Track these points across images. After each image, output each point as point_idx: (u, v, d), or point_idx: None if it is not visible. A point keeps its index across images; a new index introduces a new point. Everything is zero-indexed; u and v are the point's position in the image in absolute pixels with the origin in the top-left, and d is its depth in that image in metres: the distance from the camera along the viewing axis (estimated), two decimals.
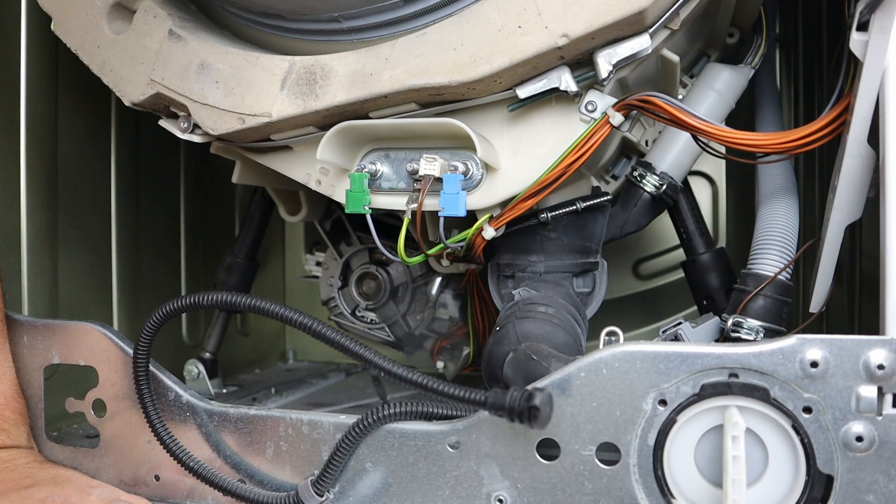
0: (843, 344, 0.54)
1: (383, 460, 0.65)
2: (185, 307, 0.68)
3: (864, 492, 0.54)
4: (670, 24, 0.65)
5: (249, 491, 0.68)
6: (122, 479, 0.75)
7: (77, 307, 0.99)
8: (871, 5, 0.57)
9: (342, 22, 0.69)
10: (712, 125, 0.64)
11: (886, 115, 0.58)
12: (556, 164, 0.66)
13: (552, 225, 0.76)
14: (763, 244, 0.75)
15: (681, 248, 0.90)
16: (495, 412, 0.58)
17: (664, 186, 0.81)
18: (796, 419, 0.55)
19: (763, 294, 0.72)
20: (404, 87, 0.65)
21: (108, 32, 0.76)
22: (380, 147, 0.71)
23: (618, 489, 0.59)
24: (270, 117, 0.69)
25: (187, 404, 0.72)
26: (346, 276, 1.09)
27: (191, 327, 1.19)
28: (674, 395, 0.57)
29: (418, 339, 1.06)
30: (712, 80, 0.84)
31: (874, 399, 0.53)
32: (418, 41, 0.66)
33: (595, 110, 0.67)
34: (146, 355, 0.70)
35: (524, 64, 0.63)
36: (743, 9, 0.85)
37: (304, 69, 0.69)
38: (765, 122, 0.92)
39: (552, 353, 0.64)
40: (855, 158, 0.62)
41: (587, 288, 0.80)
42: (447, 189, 0.66)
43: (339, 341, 0.63)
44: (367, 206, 0.69)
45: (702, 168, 1.27)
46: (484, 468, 0.62)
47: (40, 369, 0.79)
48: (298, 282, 1.38)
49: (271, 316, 0.64)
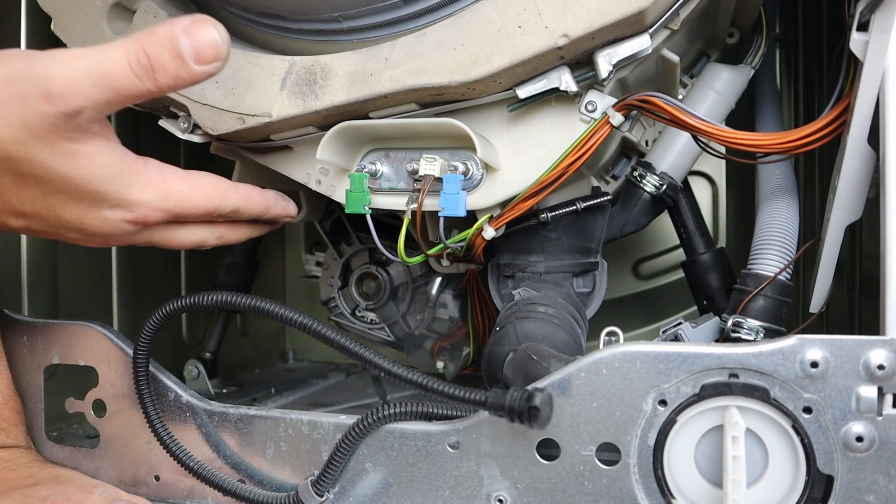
0: (843, 344, 0.54)
1: (383, 460, 0.65)
2: (185, 307, 0.68)
3: (864, 492, 0.54)
4: (670, 25, 0.65)
5: (249, 491, 0.68)
6: (121, 479, 0.75)
7: (77, 307, 0.99)
8: (871, 5, 0.57)
9: (342, 22, 0.69)
10: (712, 125, 0.64)
11: (886, 115, 0.58)
12: (556, 164, 0.66)
13: (552, 225, 0.76)
14: (763, 244, 0.75)
15: (681, 248, 0.90)
16: (495, 412, 0.58)
17: (664, 186, 0.81)
18: (796, 419, 0.55)
19: (763, 294, 0.72)
20: (404, 87, 0.65)
21: (109, 32, 0.76)
22: (380, 147, 0.71)
23: (618, 489, 0.59)
24: (270, 117, 0.69)
25: (187, 404, 0.72)
26: (346, 277, 1.09)
27: (191, 327, 1.19)
28: (674, 395, 0.57)
29: (418, 339, 1.06)
30: (712, 80, 0.84)
31: (874, 399, 0.53)
32: (418, 41, 0.66)
33: (595, 110, 0.67)
34: (146, 355, 0.70)
35: (524, 64, 0.63)
36: (743, 9, 0.85)
37: (304, 69, 0.69)
38: (765, 122, 0.91)
39: (552, 354, 0.64)
40: (855, 158, 0.62)
41: (587, 288, 0.80)
42: (447, 189, 0.66)
43: (339, 341, 0.63)
44: (366, 206, 0.69)
45: (702, 168, 1.27)
46: (484, 468, 0.62)
47: (40, 369, 0.79)
48: (298, 282, 1.38)
49: (271, 316, 0.64)
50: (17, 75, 0.53)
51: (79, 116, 0.54)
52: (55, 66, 0.53)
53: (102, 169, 0.57)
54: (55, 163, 0.55)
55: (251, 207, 0.67)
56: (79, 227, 0.60)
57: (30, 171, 0.55)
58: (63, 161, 0.55)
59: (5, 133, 0.53)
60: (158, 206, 0.60)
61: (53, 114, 0.53)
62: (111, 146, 0.58)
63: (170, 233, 0.64)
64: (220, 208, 0.64)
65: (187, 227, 0.65)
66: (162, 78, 0.54)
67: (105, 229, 0.60)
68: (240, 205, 0.66)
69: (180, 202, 0.61)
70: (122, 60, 0.54)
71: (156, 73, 0.54)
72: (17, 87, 0.53)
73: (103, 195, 0.58)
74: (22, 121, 0.53)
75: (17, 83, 0.53)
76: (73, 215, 0.59)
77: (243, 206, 0.66)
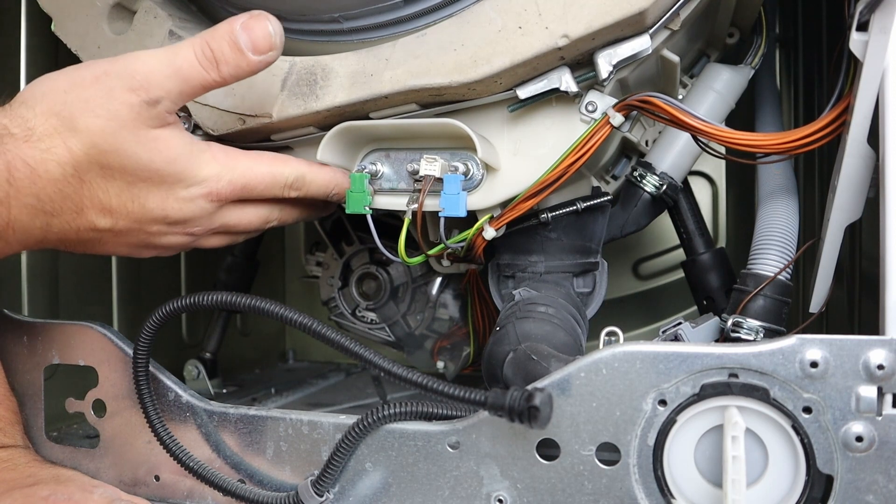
0: (843, 344, 0.54)
1: (383, 460, 0.65)
2: (185, 307, 0.68)
3: (863, 492, 0.54)
4: (670, 25, 0.65)
5: (249, 491, 0.68)
6: (121, 479, 0.75)
7: (77, 307, 0.99)
8: (871, 5, 0.57)
9: (343, 22, 0.69)
10: (712, 125, 0.64)
11: (886, 115, 0.58)
12: (557, 164, 0.66)
13: (552, 225, 0.76)
14: (763, 244, 0.75)
15: (681, 248, 0.90)
16: (495, 412, 0.58)
17: (664, 186, 0.81)
18: (796, 419, 0.55)
19: (763, 294, 0.72)
20: (405, 87, 0.65)
21: (109, 33, 0.76)
22: (380, 147, 0.71)
23: (618, 489, 0.59)
24: (271, 118, 0.70)
25: (187, 404, 0.72)
26: (347, 277, 1.09)
27: (191, 327, 1.19)
28: (674, 395, 0.57)
29: (418, 339, 1.06)
30: (712, 81, 0.84)
31: (874, 399, 0.53)
32: (419, 42, 0.66)
33: (595, 111, 0.67)
34: (146, 355, 0.70)
35: (524, 64, 0.63)
36: (743, 9, 0.85)
37: (304, 70, 0.69)
38: (765, 122, 0.92)
39: (552, 354, 0.64)
40: (855, 158, 0.62)
41: (587, 288, 0.80)
42: (448, 189, 0.66)
43: (339, 341, 0.63)
44: (367, 206, 0.69)
45: (702, 168, 1.27)
46: (484, 468, 0.62)
47: (40, 369, 0.79)
48: (298, 282, 1.38)
49: (271, 316, 0.64)
50: (103, 74, 0.60)
51: (158, 105, 0.61)
52: (136, 64, 0.61)
53: (178, 150, 0.63)
54: (139, 149, 0.61)
55: (316, 176, 0.70)
56: (162, 214, 0.65)
57: (116, 162, 0.61)
58: (146, 147, 0.62)
59: (94, 124, 0.59)
60: (226, 178, 0.65)
61: (137, 103, 0.60)
62: (182, 132, 0.65)
63: (240, 212, 0.69)
64: (283, 174, 0.68)
65: (255, 206, 0.70)
66: (224, 68, 0.62)
67: (186, 211, 0.65)
68: (303, 171, 0.69)
69: (245, 171, 0.66)
70: (190, 55, 0.61)
71: (219, 64, 0.62)
72: (103, 83, 0.60)
73: (180, 174, 0.64)
74: (109, 112, 0.60)
75: (103, 81, 0.60)
76: (155, 202, 0.64)
77: (307, 172, 0.69)
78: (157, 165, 0.62)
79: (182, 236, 0.68)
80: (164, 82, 0.61)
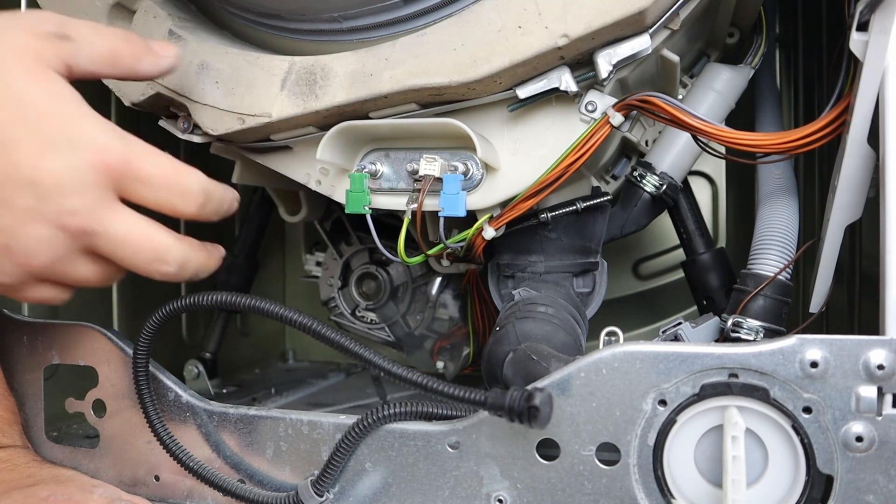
0: (843, 344, 0.54)
1: (383, 460, 0.65)
2: (185, 307, 0.68)
3: (863, 492, 0.54)
4: (670, 25, 0.65)
5: (249, 491, 0.68)
6: (121, 479, 0.75)
7: (77, 307, 0.99)
8: (871, 5, 0.57)
9: (342, 22, 0.69)
10: (712, 125, 0.64)
11: (886, 115, 0.58)
12: (557, 164, 0.66)
13: (552, 225, 0.76)
14: (763, 244, 0.75)
15: (681, 248, 0.90)
16: (495, 412, 0.58)
17: (664, 186, 0.81)
18: (796, 419, 0.55)
19: (763, 294, 0.72)
20: (404, 87, 0.65)
21: None
22: (380, 147, 0.71)
23: (617, 489, 0.59)
24: (270, 117, 0.69)
25: (187, 404, 0.72)
26: (346, 277, 1.09)
27: (191, 327, 1.19)
28: (674, 395, 0.57)
29: (418, 339, 1.06)
30: (712, 80, 0.84)
31: (874, 399, 0.53)
32: (418, 41, 0.66)
33: (595, 110, 0.67)
34: (146, 355, 0.70)
35: (524, 64, 0.63)
36: (743, 9, 0.85)
37: (304, 69, 0.69)
38: (765, 122, 0.92)
39: (552, 354, 0.64)
40: (855, 158, 0.62)
41: (587, 288, 0.80)
42: (447, 189, 0.66)
43: (339, 341, 0.63)
44: (367, 206, 0.69)
45: (702, 168, 1.27)
46: (484, 468, 0.62)
47: (40, 369, 0.79)
48: (298, 282, 1.38)
49: (271, 316, 0.64)
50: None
51: (66, 43, 0.56)
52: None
53: (71, 99, 0.55)
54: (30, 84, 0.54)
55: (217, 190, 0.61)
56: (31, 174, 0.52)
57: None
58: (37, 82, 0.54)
59: None
60: (118, 148, 0.55)
61: (44, 33, 0.55)
62: (76, 93, 0.56)
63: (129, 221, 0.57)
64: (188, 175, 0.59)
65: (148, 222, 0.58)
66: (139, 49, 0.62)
67: (63, 178, 0.53)
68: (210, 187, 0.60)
69: (144, 151, 0.57)
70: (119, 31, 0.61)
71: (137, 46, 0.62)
72: (13, 13, 0.56)
73: (66, 126, 0.54)
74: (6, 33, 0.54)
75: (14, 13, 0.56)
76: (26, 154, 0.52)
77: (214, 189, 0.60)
78: (42, 109, 0.53)
79: (51, 229, 0.54)
80: (81, 27, 0.57)
